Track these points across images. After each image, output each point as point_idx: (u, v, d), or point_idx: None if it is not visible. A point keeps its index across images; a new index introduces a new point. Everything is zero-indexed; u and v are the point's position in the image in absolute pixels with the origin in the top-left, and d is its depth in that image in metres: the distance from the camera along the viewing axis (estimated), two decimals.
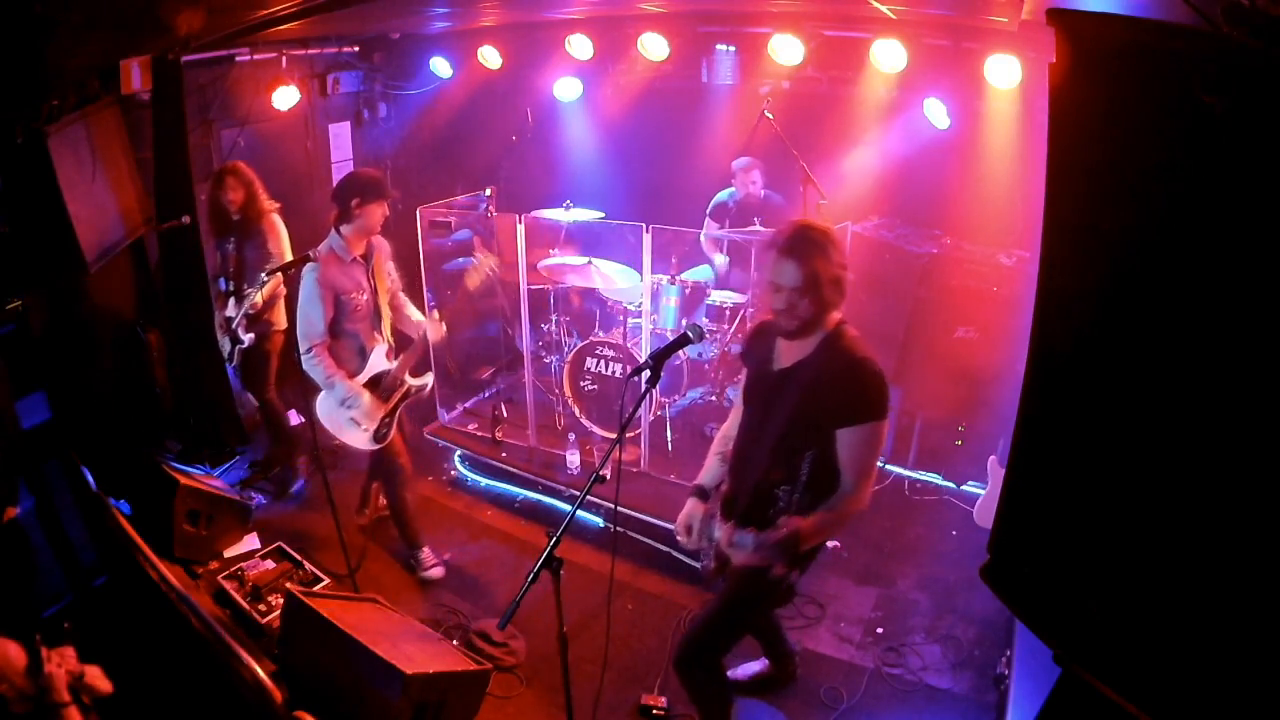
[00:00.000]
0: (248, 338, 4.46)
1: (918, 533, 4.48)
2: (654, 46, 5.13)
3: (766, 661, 3.39)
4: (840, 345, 2.37)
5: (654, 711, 3.28)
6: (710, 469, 2.73)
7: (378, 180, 3.64)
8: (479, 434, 5.12)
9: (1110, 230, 1.41)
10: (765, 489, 2.45)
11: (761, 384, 2.55)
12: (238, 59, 5.05)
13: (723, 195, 5.23)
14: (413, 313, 4.01)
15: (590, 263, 4.80)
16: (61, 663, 2.45)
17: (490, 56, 5.78)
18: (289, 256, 4.42)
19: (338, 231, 3.58)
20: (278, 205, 4.53)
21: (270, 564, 4.01)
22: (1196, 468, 1.37)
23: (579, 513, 2.37)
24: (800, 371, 2.41)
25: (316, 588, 3.87)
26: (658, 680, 3.42)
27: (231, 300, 4.47)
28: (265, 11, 3.72)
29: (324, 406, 3.68)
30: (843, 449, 2.35)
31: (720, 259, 5.11)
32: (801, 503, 2.38)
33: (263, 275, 4.14)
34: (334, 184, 6.10)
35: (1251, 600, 1.32)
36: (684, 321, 4.77)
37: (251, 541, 4.24)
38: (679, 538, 2.66)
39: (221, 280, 4.56)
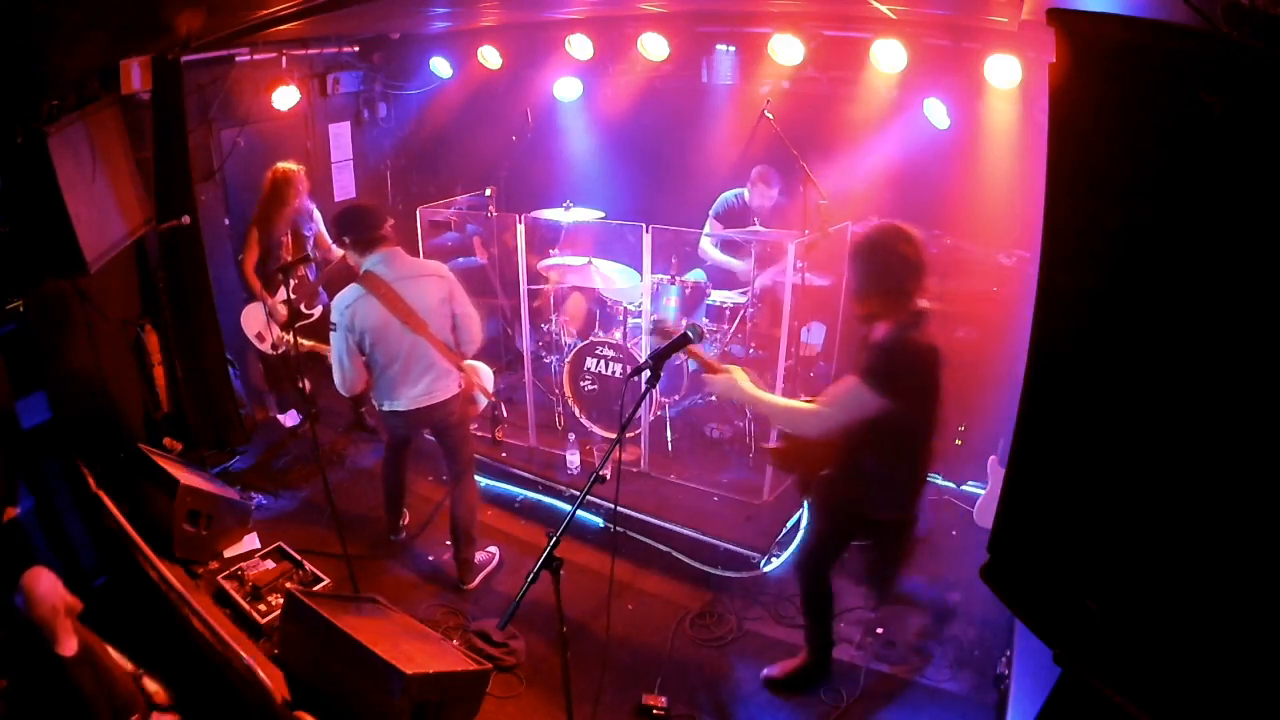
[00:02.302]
0: (315, 310, 4.97)
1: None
2: (654, 46, 5.13)
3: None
4: None
5: (654, 711, 3.27)
6: None
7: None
8: (479, 434, 5.11)
9: (1110, 230, 1.41)
10: None
11: None
12: (238, 59, 5.06)
13: (728, 196, 5.20)
14: None
15: (590, 263, 4.80)
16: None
17: (490, 56, 5.78)
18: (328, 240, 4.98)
19: None
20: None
21: (270, 564, 4.01)
22: (1196, 467, 1.37)
23: (579, 513, 2.38)
24: None
25: (316, 588, 3.87)
26: (658, 680, 3.42)
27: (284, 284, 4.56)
28: (265, 11, 3.71)
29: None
30: None
31: (737, 264, 5.05)
32: None
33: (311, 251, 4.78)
34: (334, 185, 6.11)
35: (1251, 599, 1.32)
36: (684, 321, 4.76)
37: (251, 541, 4.23)
38: None
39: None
